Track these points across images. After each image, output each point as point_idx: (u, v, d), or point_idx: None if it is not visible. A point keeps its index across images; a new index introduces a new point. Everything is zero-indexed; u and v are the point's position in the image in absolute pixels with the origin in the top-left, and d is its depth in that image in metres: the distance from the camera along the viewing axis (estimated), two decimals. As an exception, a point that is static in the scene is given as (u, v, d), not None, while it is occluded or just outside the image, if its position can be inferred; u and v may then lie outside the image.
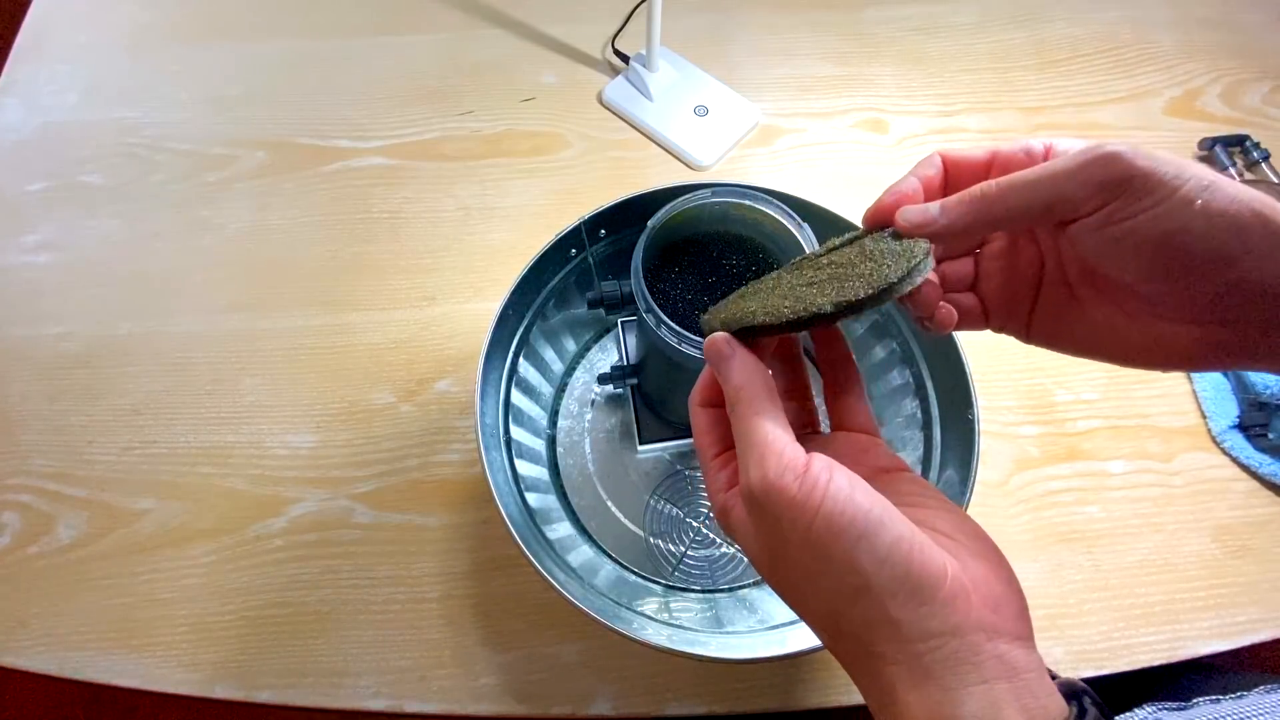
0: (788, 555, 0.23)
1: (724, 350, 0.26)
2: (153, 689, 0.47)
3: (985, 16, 0.73)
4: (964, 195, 0.25)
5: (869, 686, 0.23)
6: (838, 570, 0.22)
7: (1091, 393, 0.56)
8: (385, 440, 0.54)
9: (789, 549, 0.23)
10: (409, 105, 0.68)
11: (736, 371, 0.26)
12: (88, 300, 0.60)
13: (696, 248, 0.39)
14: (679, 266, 0.39)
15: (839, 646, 0.24)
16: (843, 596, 0.22)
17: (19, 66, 0.71)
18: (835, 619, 0.23)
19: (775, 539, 0.24)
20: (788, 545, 0.23)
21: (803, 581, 0.24)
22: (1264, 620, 0.49)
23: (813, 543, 0.22)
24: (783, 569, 0.24)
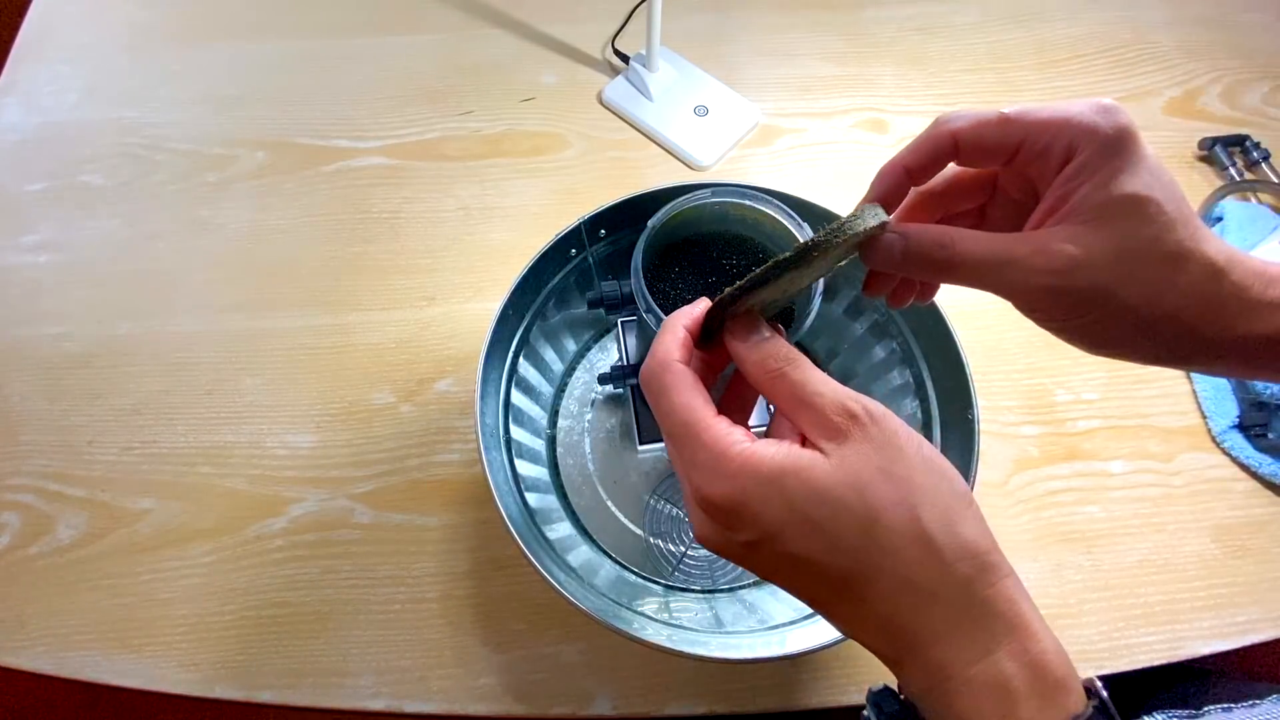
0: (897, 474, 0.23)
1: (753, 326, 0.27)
2: (153, 689, 0.47)
3: (985, 16, 0.73)
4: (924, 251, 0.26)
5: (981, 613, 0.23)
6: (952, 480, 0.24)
7: (1091, 393, 0.56)
8: (385, 440, 0.54)
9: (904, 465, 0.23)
10: (409, 105, 0.68)
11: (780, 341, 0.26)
12: (88, 300, 0.60)
13: (696, 248, 0.39)
14: (679, 266, 0.39)
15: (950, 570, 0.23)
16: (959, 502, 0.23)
17: (19, 66, 0.71)
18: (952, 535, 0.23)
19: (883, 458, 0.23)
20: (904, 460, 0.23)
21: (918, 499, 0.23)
22: (1264, 620, 0.49)
23: (927, 458, 0.24)
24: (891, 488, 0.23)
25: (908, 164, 0.28)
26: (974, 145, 0.27)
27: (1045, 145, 0.25)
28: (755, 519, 0.24)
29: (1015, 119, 0.26)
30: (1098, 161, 0.24)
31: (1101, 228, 0.24)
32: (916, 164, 0.28)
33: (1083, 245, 0.24)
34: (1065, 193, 0.25)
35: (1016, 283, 0.25)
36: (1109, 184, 0.24)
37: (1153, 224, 0.24)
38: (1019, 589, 0.23)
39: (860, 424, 0.24)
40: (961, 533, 0.23)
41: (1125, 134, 0.24)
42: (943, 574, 0.23)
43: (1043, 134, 0.25)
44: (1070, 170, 0.25)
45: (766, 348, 0.26)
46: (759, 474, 0.23)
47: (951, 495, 0.23)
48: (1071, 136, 0.25)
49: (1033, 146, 0.26)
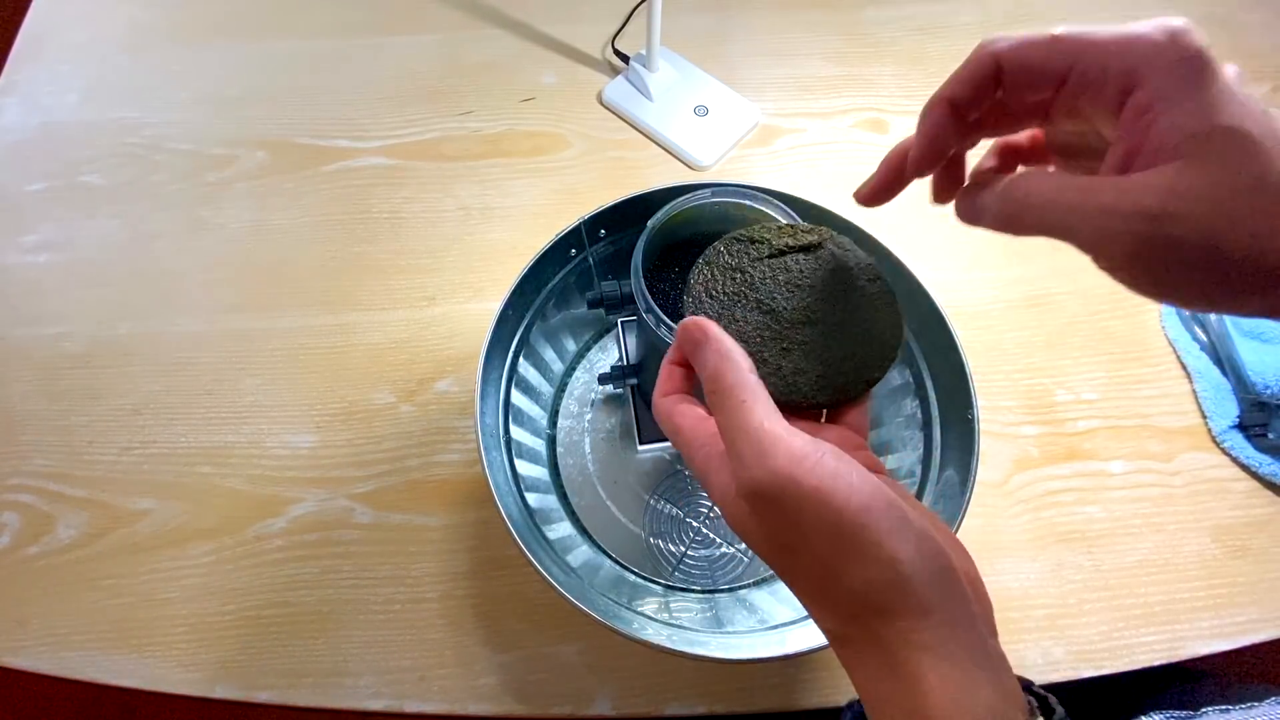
0: (806, 549, 0.23)
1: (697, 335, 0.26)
2: (153, 689, 0.47)
3: (985, 17, 0.74)
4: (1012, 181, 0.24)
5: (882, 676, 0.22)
6: (871, 562, 0.22)
7: (1091, 393, 0.56)
8: (385, 440, 0.54)
9: (810, 542, 0.22)
10: (409, 105, 0.68)
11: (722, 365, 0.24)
12: (88, 300, 0.60)
13: (696, 248, 0.39)
14: (679, 266, 0.39)
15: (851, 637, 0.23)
16: (873, 587, 0.22)
17: (19, 66, 0.71)
18: (857, 612, 0.23)
19: (789, 531, 0.23)
20: (808, 538, 0.22)
21: (823, 575, 0.23)
22: (1264, 620, 0.49)
23: (842, 535, 0.22)
24: (799, 561, 0.23)
25: (951, 96, 0.25)
26: (1018, 67, 0.23)
27: (1100, 70, 0.22)
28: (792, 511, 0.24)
29: (1067, 39, 0.22)
30: (1172, 91, 0.21)
31: (1195, 165, 0.20)
32: (961, 95, 0.25)
33: (1180, 185, 0.20)
34: (1141, 129, 0.21)
35: (1103, 231, 0.21)
36: (1193, 117, 0.20)
37: (1253, 157, 0.20)
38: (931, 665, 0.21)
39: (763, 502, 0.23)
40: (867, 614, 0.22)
41: (1199, 58, 0.21)
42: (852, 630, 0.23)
43: (1098, 56, 0.22)
44: (1140, 102, 0.21)
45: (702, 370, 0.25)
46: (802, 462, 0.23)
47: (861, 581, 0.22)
48: (1133, 61, 0.21)
49: (1085, 71, 0.22)
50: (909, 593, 0.22)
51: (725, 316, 0.29)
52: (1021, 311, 0.58)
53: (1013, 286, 0.60)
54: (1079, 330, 0.58)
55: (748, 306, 0.29)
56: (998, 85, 0.24)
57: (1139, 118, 0.21)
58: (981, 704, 0.21)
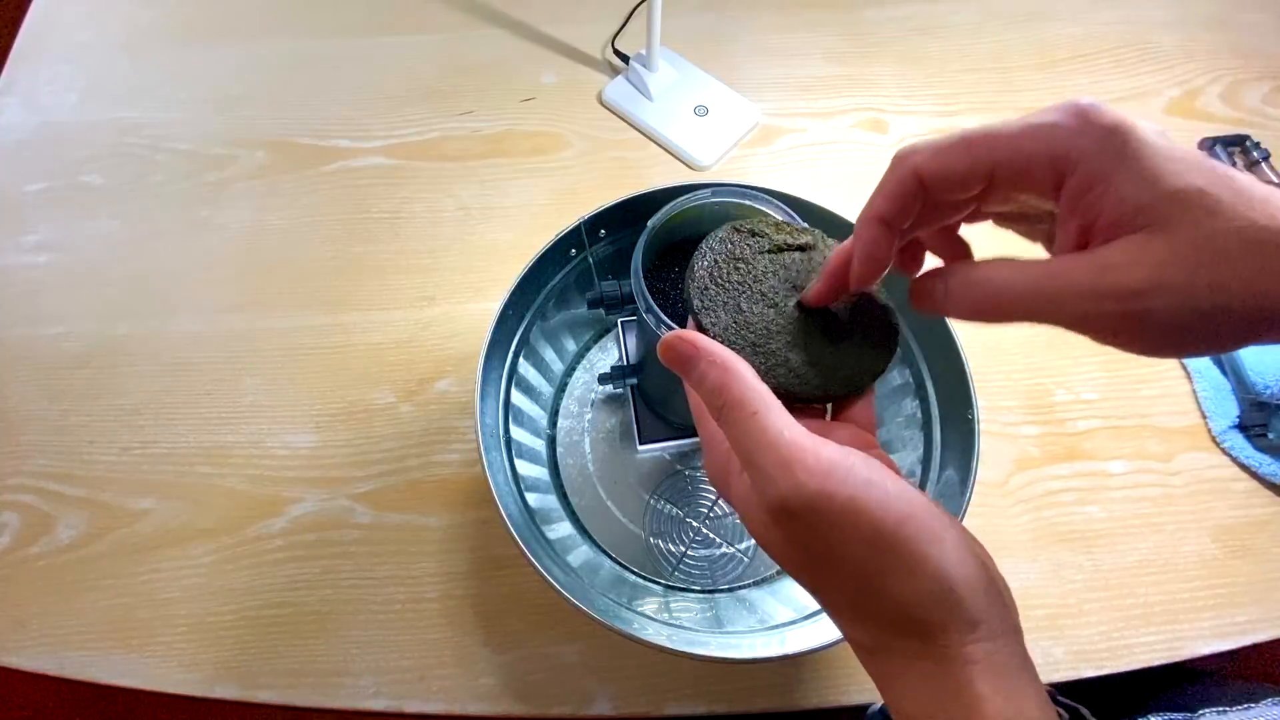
0: (842, 560, 0.22)
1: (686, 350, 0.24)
2: (153, 689, 0.47)
3: (985, 16, 0.73)
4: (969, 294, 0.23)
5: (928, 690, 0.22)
6: (918, 574, 0.21)
7: (1091, 393, 0.56)
8: (385, 440, 0.54)
9: (846, 556, 0.22)
10: (409, 105, 0.68)
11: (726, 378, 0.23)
12: (88, 300, 0.60)
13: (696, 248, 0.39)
14: (679, 266, 0.39)
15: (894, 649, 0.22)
16: (919, 600, 0.21)
17: (19, 66, 0.71)
18: (899, 626, 0.22)
19: (823, 547, 0.22)
20: (844, 552, 0.22)
21: (859, 590, 0.22)
22: (1264, 620, 0.48)
23: (883, 548, 0.21)
24: (834, 575, 0.23)
25: (879, 214, 0.24)
26: (939, 178, 0.23)
27: (1023, 165, 0.22)
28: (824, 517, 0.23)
29: (978, 139, 0.22)
30: (1107, 170, 0.20)
31: (1156, 235, 0.20)
32: (889, 210, 0.24)
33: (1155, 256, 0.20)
34: (1088, 205, 0.21)
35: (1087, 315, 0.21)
36: (1137, 188, 0.20)
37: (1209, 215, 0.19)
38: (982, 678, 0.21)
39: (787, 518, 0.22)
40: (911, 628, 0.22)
41: (1120, 131, 0.20)
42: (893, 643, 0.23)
43: (1015, 154, 0.22)
44: (1077, 186, 0.21)
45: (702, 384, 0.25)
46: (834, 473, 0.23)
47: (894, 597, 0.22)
48: (1056, 149, 0.21)
49: (1009, 169, 0.22)
50: (958, 605, 0.21)
51: (730, 305, 0.28)
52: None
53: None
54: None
55: (753, 298, 0.29)
56: (922, 196, 0.23)
57: (1081, 198, 0.21)
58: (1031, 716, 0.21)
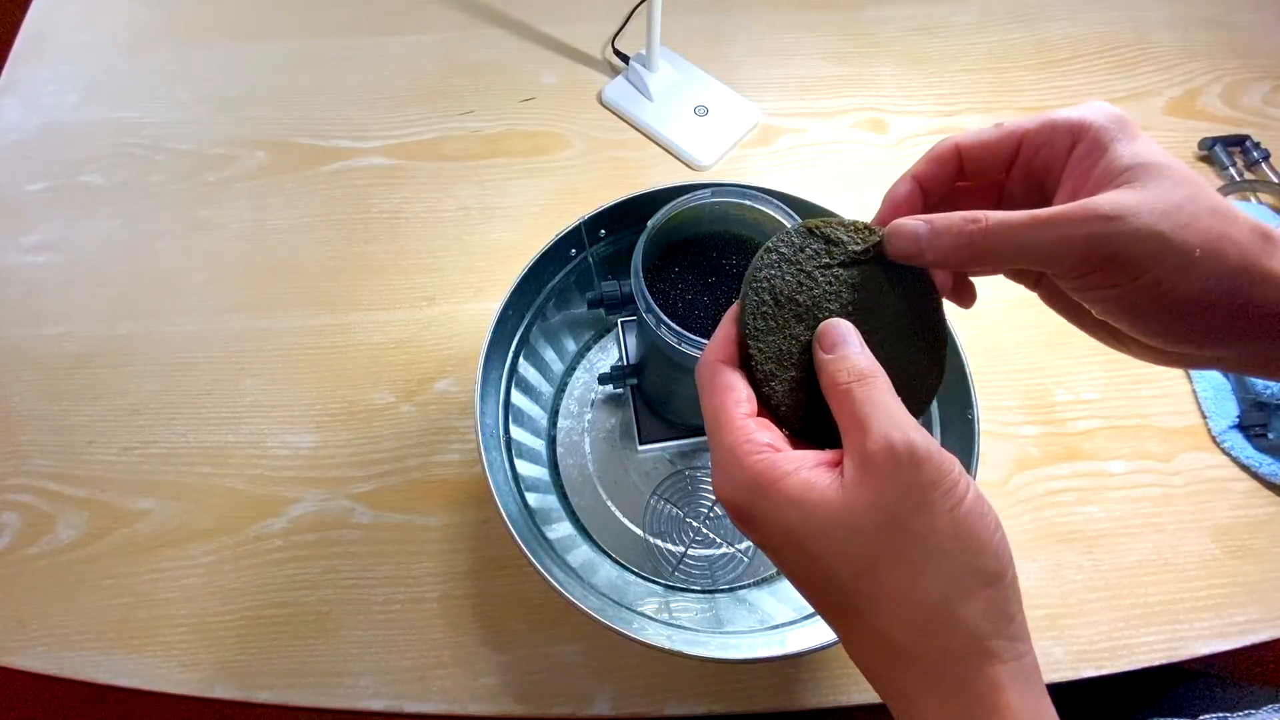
0: (912, 528, 0.22)
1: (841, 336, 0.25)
2: (153, 689, 0.47)
3: (985, 16, 0.73)
4: (953, 228, 0.24)
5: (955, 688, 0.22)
6: (978, 554, 0.22)
7: (1091, 393, 0.56)
8: (385, 440, 0.54)
9: (924, 521, 0.22)
10: (409, 105, 0.68)
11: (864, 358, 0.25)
12: (88, 300, 0.60)
13: (696, 248, 0.39)
14: (679, 266, 0.39)
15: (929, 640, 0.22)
16: (975, 580, 0.21)
17: (19, 66, 0.71)
18: (946, 607, 0.22)
19: (909, 504, 0.22)
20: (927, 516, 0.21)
21: (924, 559, 0.22)
22: (1264, 620, 0.49)
23: (958, 521, 0.21)
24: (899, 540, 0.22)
25: (917, 173, 0.27)
26: (975, 149, 0.27)
27: (1046, 138, 0.25)
28: (759, 528, 0.24)
29: (1009, 124, 0.26)
30: (1110, 136, 0.24)
31: (1139, 186, 0.23)
32: (924, 173, 0.27)
33: (1128, 197, 0.22)
34: (1085, 168, 0.24)
35: (1062, 242, 0.23)
36: (1127, 152, 0.23)
37: (1187, 183, 0.23)
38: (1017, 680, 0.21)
39: (893, 463, 0.22)
40: (960, 609, 0.21)
41: (1122, 120, 0.24)
42: (924, 642, 0.22)
43: (1040, 131, 0.26)
44: (1082, 149, 0.25)
45: (844, 361, 0.25)
46: (764, 490, 0.23)
47: (967, 569, 0.22)
48: (1070, 126, 0.25)
49: (1033, 142, 0.26)
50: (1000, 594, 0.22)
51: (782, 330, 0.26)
52: (1021, 311, 0.58)
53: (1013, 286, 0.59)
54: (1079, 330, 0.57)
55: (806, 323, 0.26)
56: (959, 167, 0.27)
57: (1085, 159, 0.24)
58: None
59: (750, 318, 0.26)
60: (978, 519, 0.22)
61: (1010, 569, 0.22)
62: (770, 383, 0.26)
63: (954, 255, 0.25)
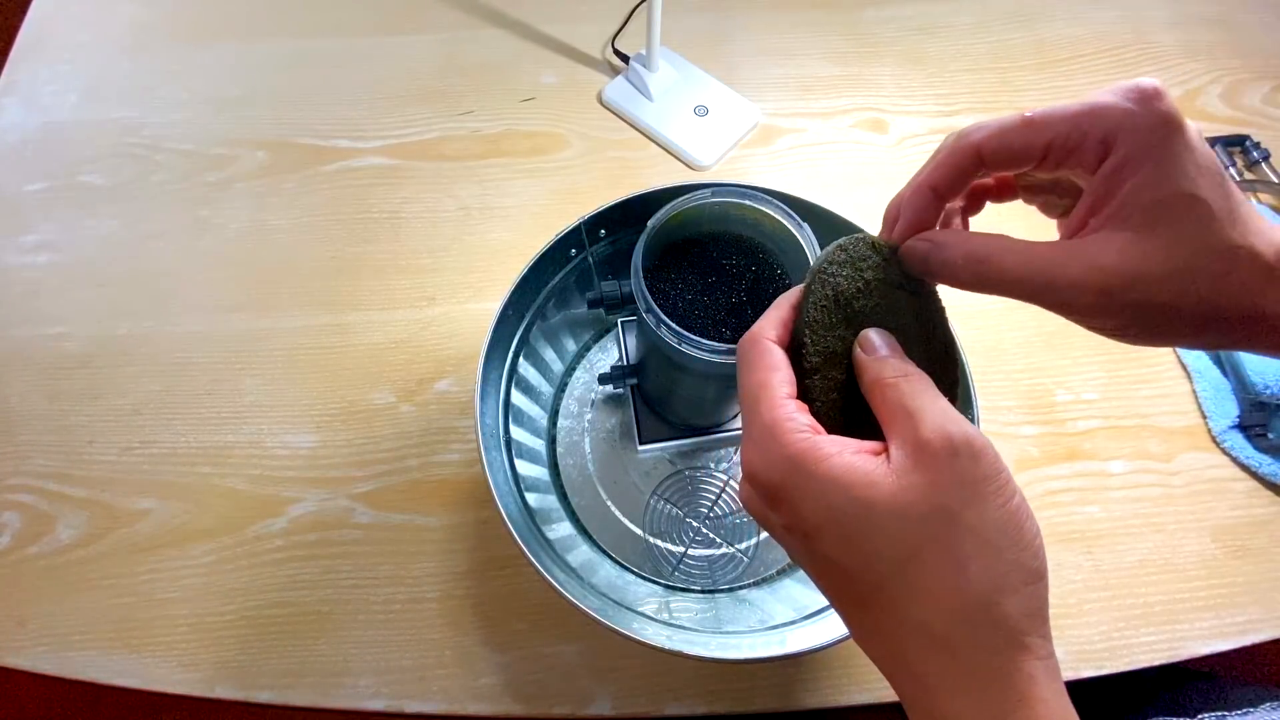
0: (965, 520, 0.22)
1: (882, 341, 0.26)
2: (153, 689, 0.47)
3: (985, 16, 0.73)
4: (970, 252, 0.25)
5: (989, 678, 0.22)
6: (1023, 551, 0.22)
7: (1091, 393, 0.56)
8: (385, 440, 0.54)
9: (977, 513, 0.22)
10: (409, 105, 0.68)
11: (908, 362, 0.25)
12: (88, 300, 0.60)
13: (696, 248, 0.39)
14: (679, 266, 0.39)
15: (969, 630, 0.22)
16: (1019, 577, 0.22)
17: (19, 66, 0.71)
18: (990, 600, 0.22)
19: (957, 497, 0.22)
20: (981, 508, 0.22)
21: (973, 551, 0.22)
22: (1264, 620, 0.49)
23: (1008, 517, 0.22)
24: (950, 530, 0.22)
25: (933, 183, 0.26)
26: (1000, 153, 0.25)
27: (1077, 142, 0.23)
28: (793, 509, 0.24)
29: (1039, 119, 0.24)
30: (1140, 156, 0.22)
31: (1151, 235, 0.22)
32: (943, 182, 0.26)
33: (1133, 258, 0.22)
34: (1106, 190, 0.23)
35: (1064, 301, 0.24)
36: (1155, 183, 0.22)
37: (1205, 226, 0.22)
38: (1048, 676, 0.22)
39: (950, 453, 0.22)
40: (1003, 603, 0.22)
41: (1168, 123, 0.22)
42: (964, 632, 0.22)
43: (1072, 130, 0.23)
44: (1110, 167, 0.23)
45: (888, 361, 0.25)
46: (806, 469, 0.23)
47: (1013, 565, 0.22)
48: (1106, 129, 0.23)
49: (1063, 145, 0.24)
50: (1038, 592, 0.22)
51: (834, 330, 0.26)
52: (1021, 311, 0.58)
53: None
54: (1079, 330, 0.57)
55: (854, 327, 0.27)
56: (978, 170, 0.26)
57: (1113, 176, 0.23)
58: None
59: (812, 309, 0.26)
60: (1025, 518, 0.22)
61: (1046, 570, 0.23)
62: (814, 376, 0.26)
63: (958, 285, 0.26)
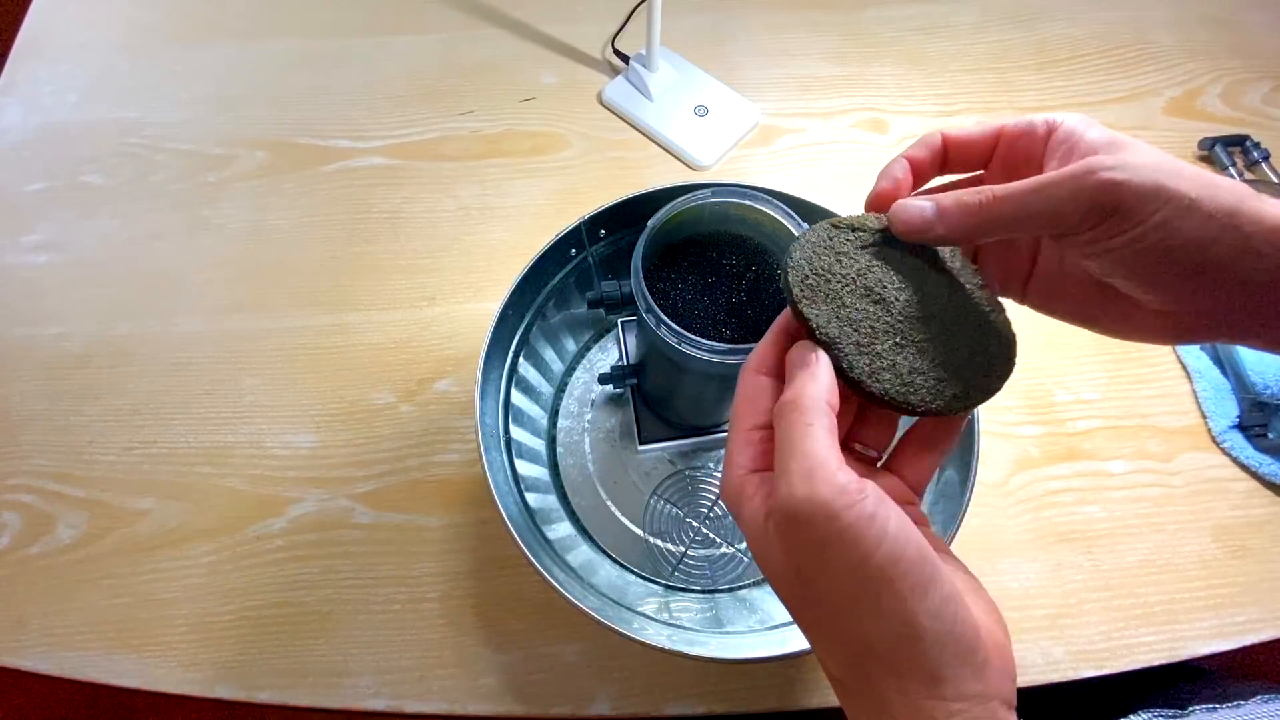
0: (824, 584, 0.22)
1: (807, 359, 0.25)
2: (153, 689, 0.47)
3: (985, 16, 0.73)
4: (962, 202, 0.25)
5: None
6: (886, 615, 0.21)
7: (1091, 393, 0.56)
8: (385, 440, 0.54)
9: (829, 578, 0.22)
10: (409, 105, 0.68)
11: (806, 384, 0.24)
12: (88, 300, 0.60)
13: (696, 248, 0.39)
14: (679, 266, 0.39)
15: (853, 688, 0.23)
16: (883, 641, 0.22)
17: (19, 66, 0.71)
18: (862, 661, 0.22)
19: (811, 562, 0.22)
20: (828, 574, 0.22)
21: (834, 615, 0.23)
22: (1264, 620, 0.49)
23: (864, 580, 0.21)
24: (813, 595, 0.23)
25: (909, 155, 0.29)
26: (960, 144, 0.28)
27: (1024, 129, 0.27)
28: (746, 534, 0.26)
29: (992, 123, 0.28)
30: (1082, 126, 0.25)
31: (1124, 152, 0.24)
32: (916, 159, 0.29)
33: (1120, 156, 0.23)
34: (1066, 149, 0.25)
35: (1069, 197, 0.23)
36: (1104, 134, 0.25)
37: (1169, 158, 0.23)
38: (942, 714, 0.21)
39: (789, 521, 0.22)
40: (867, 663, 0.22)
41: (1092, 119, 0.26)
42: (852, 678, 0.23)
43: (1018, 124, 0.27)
44: (1060, 134, 0.26)
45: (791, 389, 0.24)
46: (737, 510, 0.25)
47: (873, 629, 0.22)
48: (1045, 120, 0.27)
49: (1011, 134, 0.27)
50: (920, 656, 0.21)
51: (833, 299, 0.26)
52: (1021, 311, 0.58)
53: (1013, 286, 0.60)
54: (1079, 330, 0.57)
55: (856, 293, 0.26)
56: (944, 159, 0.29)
57: (1062, 144, 0.26)
58: None
59: (796, 289, 0.26)
60: (883, 582, 0.21)
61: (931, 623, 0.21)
62: (835, 348, 0.25)
63: (962, 227, 0.25)
